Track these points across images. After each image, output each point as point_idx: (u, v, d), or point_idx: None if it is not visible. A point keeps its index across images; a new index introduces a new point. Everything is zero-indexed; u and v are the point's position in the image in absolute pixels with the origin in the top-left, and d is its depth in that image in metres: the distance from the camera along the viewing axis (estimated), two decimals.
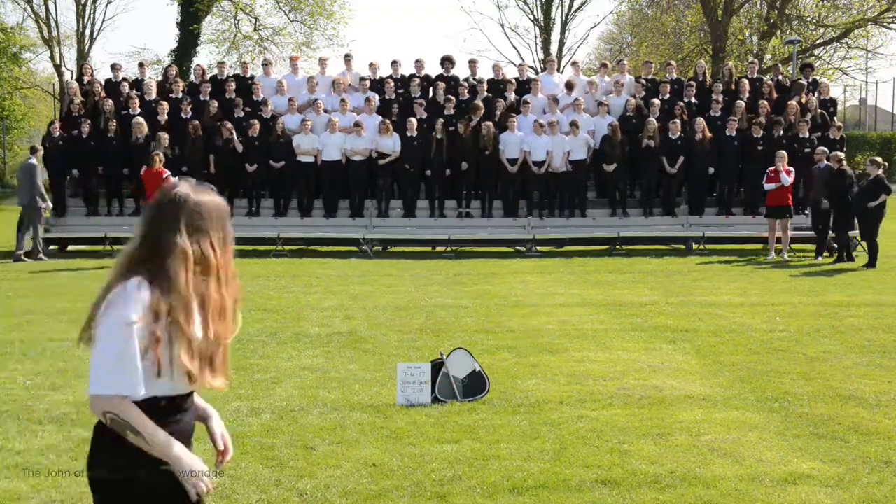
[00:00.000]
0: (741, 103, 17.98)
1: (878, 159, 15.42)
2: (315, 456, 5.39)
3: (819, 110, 18.37)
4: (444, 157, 17.34)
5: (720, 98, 18.33)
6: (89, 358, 2.53)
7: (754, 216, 17.59)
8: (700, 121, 17.46)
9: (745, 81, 18.89)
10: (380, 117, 17.64)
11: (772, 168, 16.05)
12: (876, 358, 8.02)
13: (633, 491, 4.81)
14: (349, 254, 16.93)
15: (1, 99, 37.88)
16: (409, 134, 17.28)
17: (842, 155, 15.88)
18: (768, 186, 16.07)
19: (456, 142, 17.32)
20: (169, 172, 14.95)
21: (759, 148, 17.24)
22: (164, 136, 16.72)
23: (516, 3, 49.59)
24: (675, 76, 19.79)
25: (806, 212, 17.26)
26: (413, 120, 17.38)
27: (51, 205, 16.44)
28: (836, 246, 15.99)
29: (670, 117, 17.78)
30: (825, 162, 15.96)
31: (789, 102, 18.06)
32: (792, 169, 16.10)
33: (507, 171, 17.53)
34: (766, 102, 18.04)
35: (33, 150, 16.42)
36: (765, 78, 19.59)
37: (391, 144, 17.26)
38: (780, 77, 20.43)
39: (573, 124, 17.43)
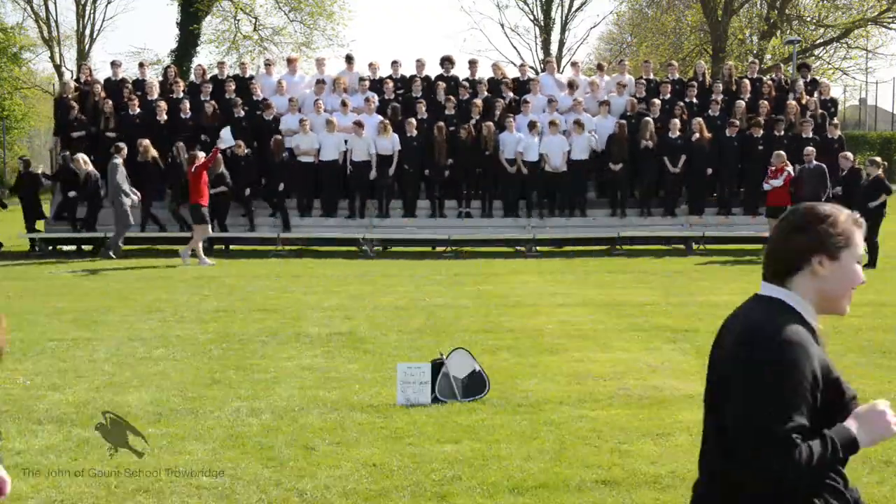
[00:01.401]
0: (741, 103, 17.97)
1: (878, 159, 15.41)
2: (315, 456, 5.39)
3: (820, 110, 18.36)
4: (443, 160, 17.28)
5: (719, 98, 18.31)
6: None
7: (754, 216, 17.59)
8: (698, 121, 17.42)
9: (746, 81, 18.87)
10: (379, 117, 17.64)
11: (771, 168, 16.05)
12: (876, 358, 8.02)
13: (633, 491, 4.81)
14: (349, 254, 16.92)
15: (1, 99, 37.86)
16: (408, 134, 17.27)
17: (850, 155, 15.76)
18: (766, 187, 16.10)
19: (456, 143, 17.30)
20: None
21: (760, 148, 17.24)
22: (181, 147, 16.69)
23: (516, 3, 49.62)
24: (676, 76, 19.78)
25: None
26: (412, 120, 17.36)
27: (136, 199, 16.27)
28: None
29: (670, 117, 17.79)
30: (814, 162, 15.92)
31: (789, 102, 18.05)
32: (787, 170, 16.05)
33: (506, 171, 17.53)
34: (766, 102, 18.03)
35: (118, 150, 16.16)
36: (764, 78, 19.58)
37: (389, 146, 17.22)
38: (781, 77, 20.42)
39: (577, 123, 17.41)
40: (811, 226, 2.39)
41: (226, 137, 15.77)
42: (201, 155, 15.15)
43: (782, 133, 17.47)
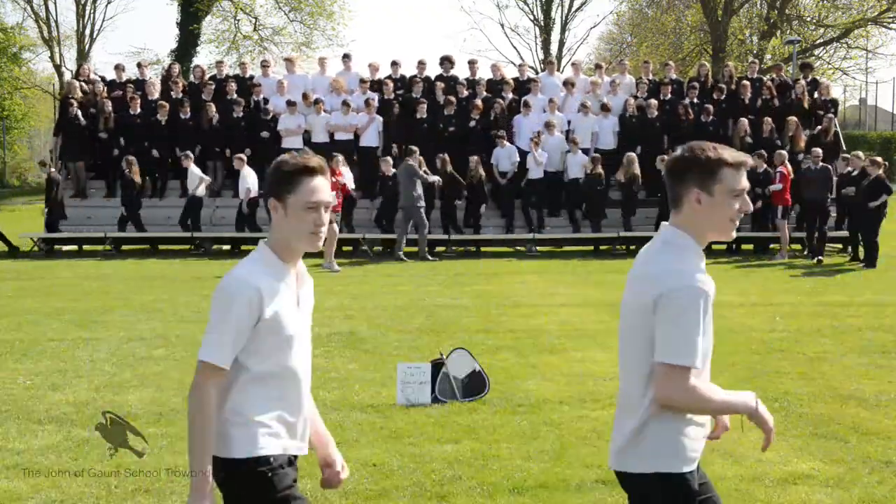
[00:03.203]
0: (744, 121, 17.69)
1: (879, 159, 15.39)
2: (315, 456, 5.37)
3: (827, 114, 18.15)
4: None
5: (711, 110, 18.06)
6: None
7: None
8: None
9: (747, 83, 18.65)
10: (379, 117, 17.60)
11: (776, 170, 16.06)
12: (876, 358, 8.02)
13: None
14: (350, 254, 16.92)
15: (1, 99, 37.86)
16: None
17: (880, 160, 15.49)
18: (772, 187, 16.08)
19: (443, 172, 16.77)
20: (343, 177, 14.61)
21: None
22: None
23: (516, 3, 49.62)
24: (673, 76, 19.72)
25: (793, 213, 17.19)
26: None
27: (423, 204, 15.98)
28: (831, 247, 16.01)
29: (672, 117, 17.74)
30: (820, 164, 15.85)
31: (789, 118, 17.75)
32: (780, 170, 16.00)
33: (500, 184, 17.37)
34: (769, 119, 17.75)
35: (409, 153, 15.98)
36: (764, 78, 19.52)
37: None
38: (782, 77, 20.33)
39: (572, 142, 17.21)
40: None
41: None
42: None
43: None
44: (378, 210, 17.11)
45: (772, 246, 17.01)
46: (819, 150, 16.32)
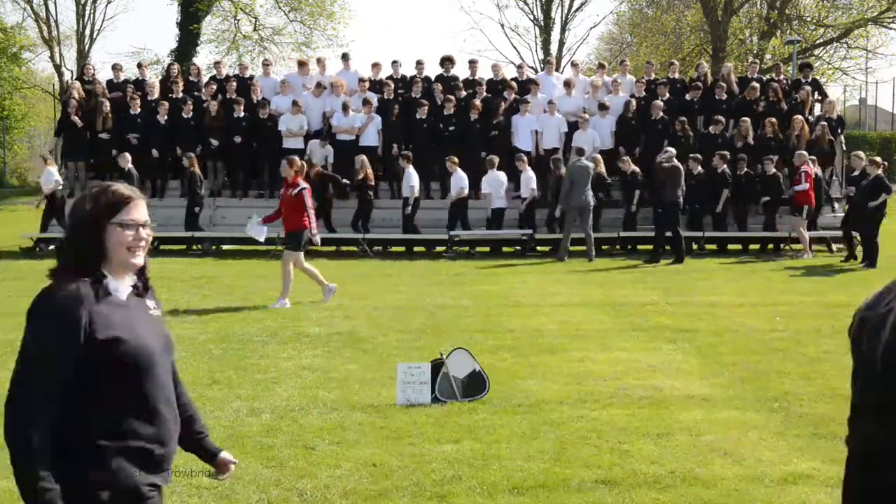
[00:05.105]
0: (747, 121, 17.66)
1: (878, 159, 15.39)
2: (315, 456, 5.39)
3: (824, 123, 18.06)
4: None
5: (709, 112, 18.00)
6: None
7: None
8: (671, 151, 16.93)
9: (756, 85, 18.54)
10: (377, 117, 17.59)
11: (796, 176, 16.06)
12: None
13: (633, 491, 4.81)
14: (349, 254, 16.91)
15: (1, 99, 37.84)
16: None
17: (879, 160, 15.52)
18: (795, 188, 16.08)
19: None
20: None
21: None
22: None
23: (516, 3, 49.46)
24: (677, 76, 19.68)
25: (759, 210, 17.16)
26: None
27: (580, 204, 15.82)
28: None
29: (673, 117, 17.72)
30: (674, 161, 15.69)
31: (795, 117, 17.71)
32: (804, 169, 15.97)
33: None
34: (774, 121, 17.71)
35: (581, 152, 15.90)
36: (765, 78, 19.46)
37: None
38: (783, 77, 20.28)
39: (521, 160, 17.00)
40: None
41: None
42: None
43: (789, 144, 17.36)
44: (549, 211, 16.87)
45: (793, 246, 16.80)
46: (672, 150, 16.09)
